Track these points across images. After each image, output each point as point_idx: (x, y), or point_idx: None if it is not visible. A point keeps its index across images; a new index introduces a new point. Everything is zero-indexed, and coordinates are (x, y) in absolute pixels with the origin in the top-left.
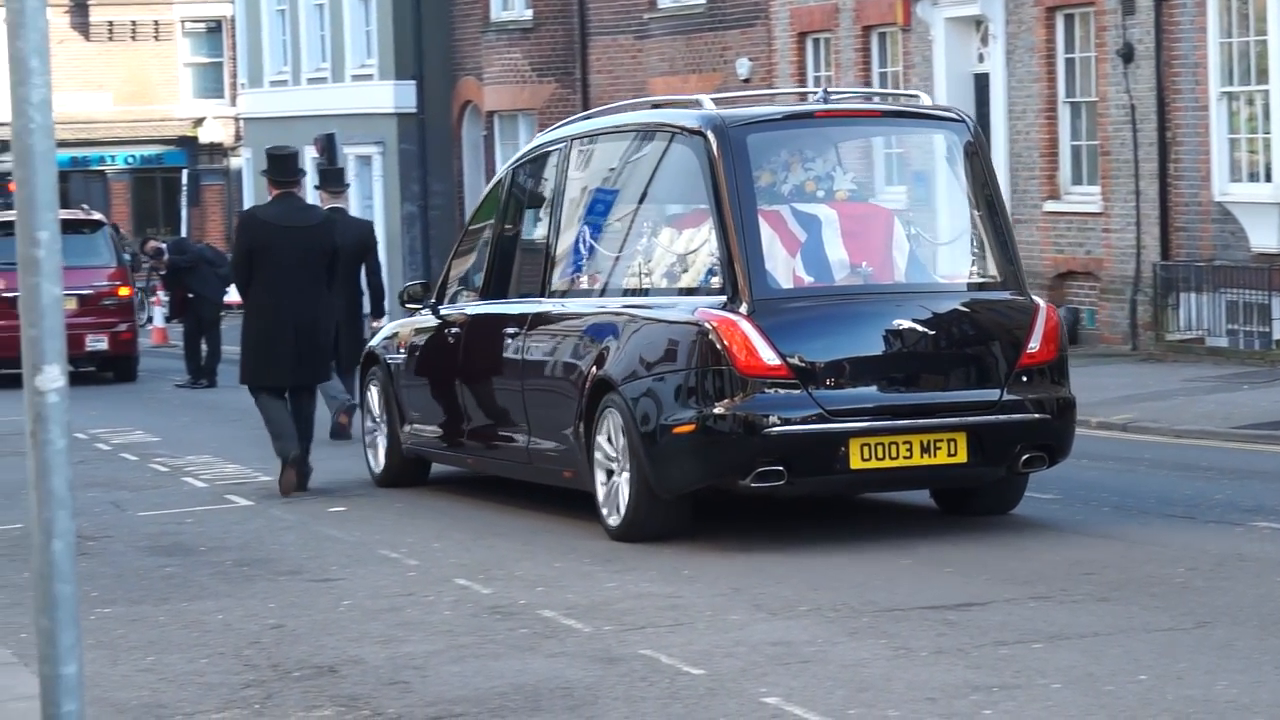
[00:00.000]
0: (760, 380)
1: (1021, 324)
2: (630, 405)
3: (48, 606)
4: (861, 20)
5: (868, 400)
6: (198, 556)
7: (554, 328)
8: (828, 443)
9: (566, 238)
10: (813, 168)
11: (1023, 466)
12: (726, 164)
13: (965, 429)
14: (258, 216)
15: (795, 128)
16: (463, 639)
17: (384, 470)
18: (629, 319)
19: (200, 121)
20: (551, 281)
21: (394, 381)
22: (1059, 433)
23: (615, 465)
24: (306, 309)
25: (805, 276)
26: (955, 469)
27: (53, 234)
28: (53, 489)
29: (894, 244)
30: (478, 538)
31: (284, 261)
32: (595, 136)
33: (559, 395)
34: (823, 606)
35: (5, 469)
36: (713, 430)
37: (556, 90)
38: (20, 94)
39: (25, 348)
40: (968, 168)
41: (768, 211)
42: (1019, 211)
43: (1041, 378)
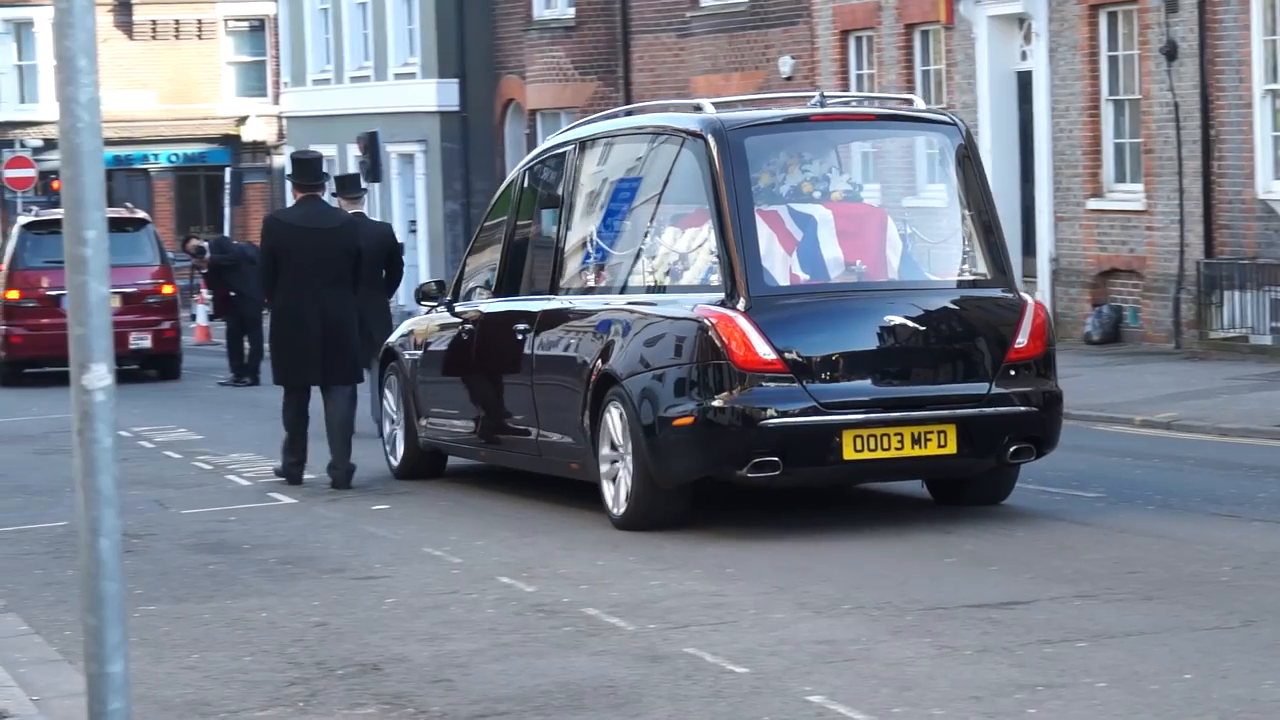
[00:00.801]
0: (757, 374)
1: (1010, 320)
2: (633, 398)
3: (95, 604)
4: (904, 18)
5: (861, 393)
6: (241, 554)
7: (561, 324)
8: (822, 434)
9: (574, 237)
10: (809, 169)
11: (1011, 458)
12: (725, 166)
13: (955, 421)
14: (281, 220)
15: (792, 130)
16: (506, 637)
17: (402, 463)
18: (632, 315)
19: (243, 120)
20: (560, 279)
21: (411, 377)
22: (1046, 424)
23: (619, 457)
24: (330, 310)
25: (801, 274)
26: (945, 460)
27: (100, 232)
28: (100, 487)
29: (887, 243)
30: (521, 536)
31: (307, 263)
32: (601, 139)
33: (566, 390)
34: (866, 605)
35: (48, 467)
36: (711, 422)
37: (599, 88)
38: (68, 93)
39: (73, 346)
40: (959, 169)
41: (765, 211)
42: (1062, 209)
43: (1029, 372)
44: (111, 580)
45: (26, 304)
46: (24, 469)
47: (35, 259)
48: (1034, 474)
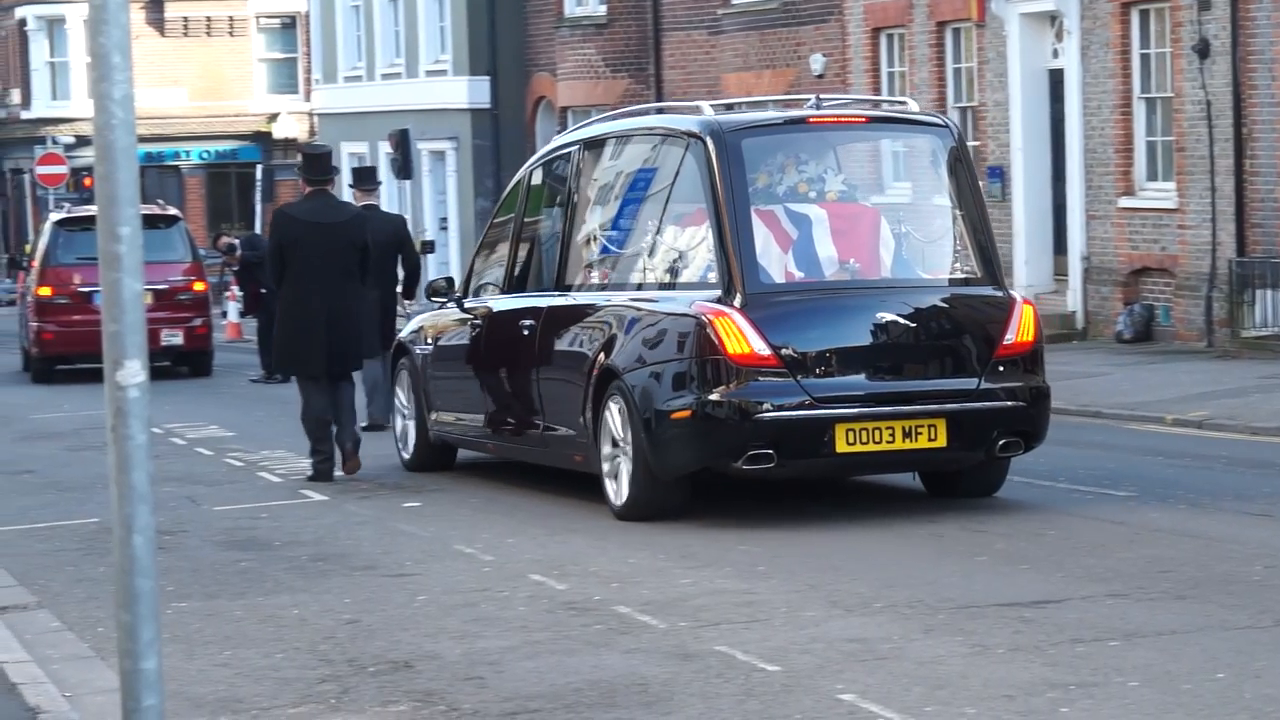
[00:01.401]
0: (752, 369)
1: (999, 317)
2: (633, 392)
3: (128, 601)
4: (936, 15)
5: (853, 388)
6: (273, 551)
7: (566, 320)
8: (815, 428)
9: (578, 235)
10: (805, 170)
11: (1000, 451)
12: (723, 166)
13: (945, 415)
14: (290, 213)
15: (788, 133)
16: (538, 634)
17: (413, 456)
18: (633, 312)
19: (274, 117)
20: (565, 276)
21: (422, 372)
22: (1034, 419)
23: (620, 449)
24: (337, 300)
25: (796, 272)
26: (935, 453)
27: (134, 229)
28: (133, 484)
29: (880, 241)
30: (552, 534)
31: (315, 256)
32: (604, 140)
33: (570, 384)
34: (898, 603)
35: (80, 464)
36: (708, 416)
37: (630, 86)
38: (102, 90)
39: (106, 343)
40: (951, 170)
41: (762, 211)
42: (1094, 208)
43: (1017, 368)
44: (145, 577)
45: (59, 300)
46: (56, 466)
47: (67, 255)
48: (1066, 473)
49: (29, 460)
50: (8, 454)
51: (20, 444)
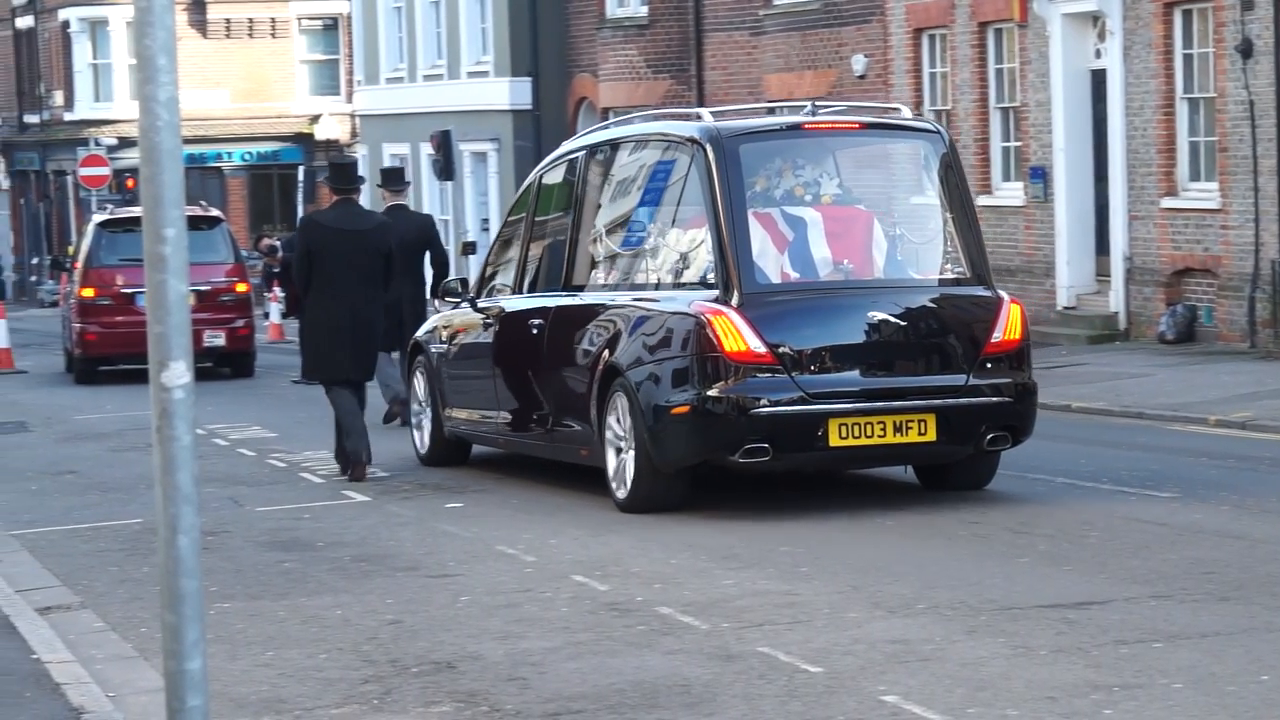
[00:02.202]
0: (749, 366)
1: (987, 316)
2: (635, 389)
3: (173, 602)
4: (978, 16)
5: (846, 384)
6: (315, 552)
7: (572, 320)
8: (809, 422)
9: (584, 237)
10: (801, 174)
11: (988, 445)
12: (721, 171)
13: (934, 410)
14: (317, 220)
15: (784, 138)
16: (580, 635)
17: (428, 451)
18: (636, 311)
19: (316, 118)
20: (572, 277)
21: (436, 369)
22: (1021, 414)
23: (623, 443)
24: (361, 308)
25: (792, 272)
26: (925, 447)
27: (179, 231)
28: (178, 484)
29: (873, 243)
30: (594, 534)
31: (340, 263)
32: (609, 145)
33: (576, 381)
34: (940, 604)
35: (123, 464)
36: (706, 411)
37: (672, 87)
38: (148, 92)
39: (152, 344)
40: (942, 174)
41: (759, 213)
42: (1136, 208)
43: (1005, 365)
44: (190, 577)
45: (101, 301)
46: (99, 466)
47: (110, 257)
48: (1109, 474)
49: (72, 461)
50: (51, 455)
51: (63, 445)
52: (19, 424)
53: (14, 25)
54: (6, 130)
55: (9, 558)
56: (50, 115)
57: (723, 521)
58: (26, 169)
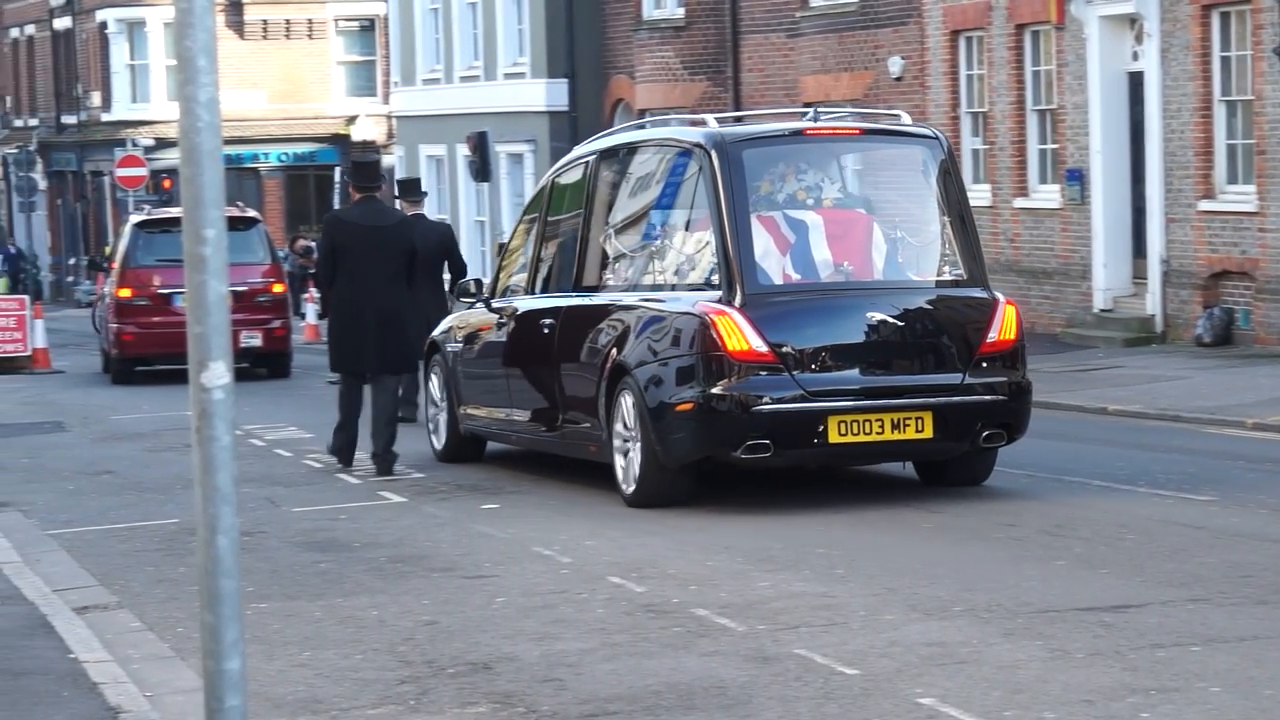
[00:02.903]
0: (751, 365)
1: (983, 317)
2: (641, 387)
3: (212, 602)
4: (1015, 18)
5: (845, 383)
6: (352, 552)
7: (582, 320)
8: (809, 420)
9: (594, 239)
10: (803, 179)
11: (984, 442)
12: (725, 175)
13: (931, 409)
14: (341, 218)
15: (786, 144)
16: (616, 637)
17: (444, 448)
18: (642, 312)
19: (353, 119)
20: (582, 278)
21: (452, 368)
22: (1016, 412)
23: (630, 440)
24: (386, 302)
25: (793, 274)
26: (922, 444)
27: (219, 231)
28: (218, 485)
29: (873, 246)
30: (631, 536)
31: (365, 259)
32: (618, 150)
33: (585, 379)
34: (977, 607)
35: (160, 465)
36: (710, 408)
37: (708, 88)
38: (188, 93)
39: (191, 345)
40: (940, 179)
41: (762, 217)
42: (1173, 211)
43: (1000, 364)
44: (229, 578)
45: (138, 302)
46: (136, 466)
47: (147, 257)
48: (1146, 476)
49: (109, 461)
50: (88, 455)
51: (100, 445)
52: (56, 424)
53: (52, 26)
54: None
55: (46, 557)
56: (88, 116)
57: (759, 523)
58: (64, 170)
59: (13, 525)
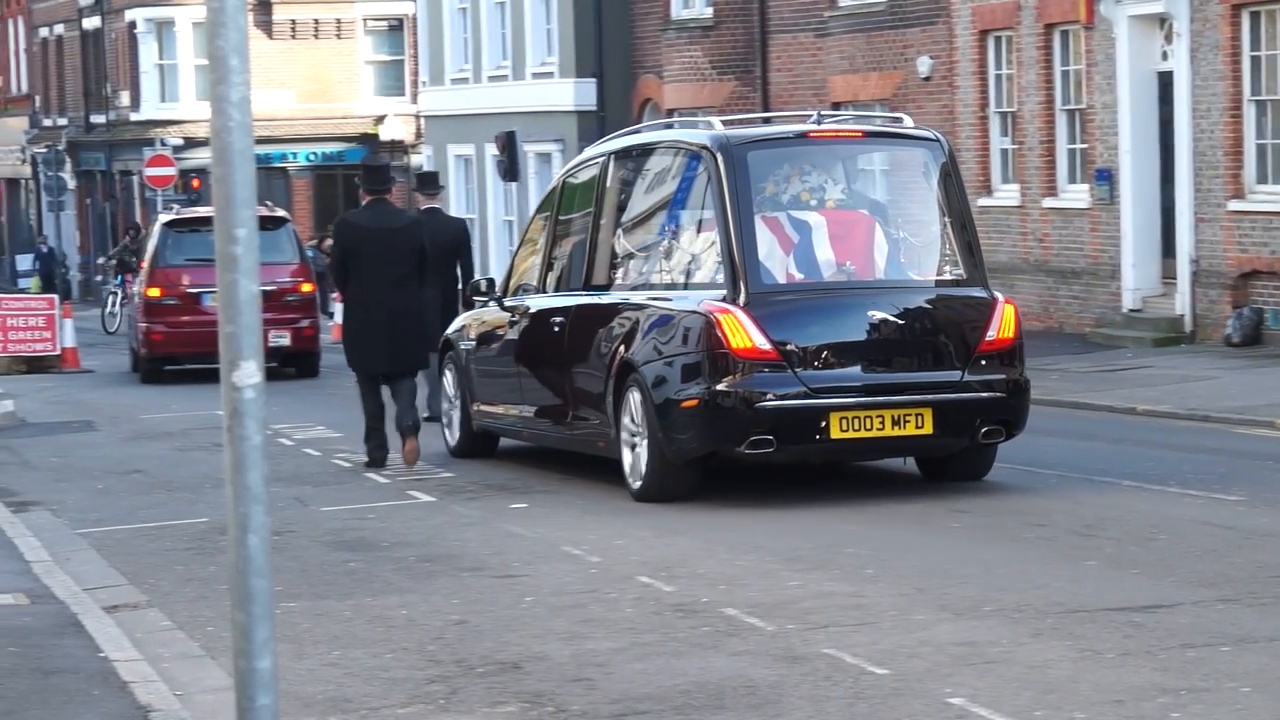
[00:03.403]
0: (754, 362)
1: (982, 315)
2: (648, 383)
3: (243, 601)
4: (1044, 18)
5: (847, 380)
6: (381, 552)
7: (591, 318)
8: (811, 416)
9: (603, 239)
10: (806, 180)
11: (983, 438)
12: (729, 177)
13: (931, 405)
14: (352, 221)
15: (790, 146)
16: (646, 636)
17: (458, 444)
18: (650, 310)
19: (381, 119)
20: (592, 277)
21: (465, 365)
22: (1014, 409)
23: (637, 436)
24: (399, 302)
25: (796, 273)
26: (922, 440)
27: (250, 231)
28: (249, 484)
29: (875, 246)
30: (660, 535)
31: (376, 260)
32: (627, 152)
33: (594, 376)
34: (1007, 607)
35: (189, 464)
36: (714, 405)
37: (736, 88)
38: (220, 92)
39: (223, 344)
40: (940, 180)
41: (767, 217)
42: (1203, 211)
43: (998, 362)
44: (260, 577)
45: (168, 301)
46: (165, 466)
47: (176, 256)
48: (1176, 476)
49: (138, 460)
50: (117, 454)
51: (130, 444)
52: (86, 423)
53: (81, 26)
54: (73, 130)
55: (76, 556)
56: (116, 116)
57: (788, 523)
58: (93, 169)
59: (43, 524)
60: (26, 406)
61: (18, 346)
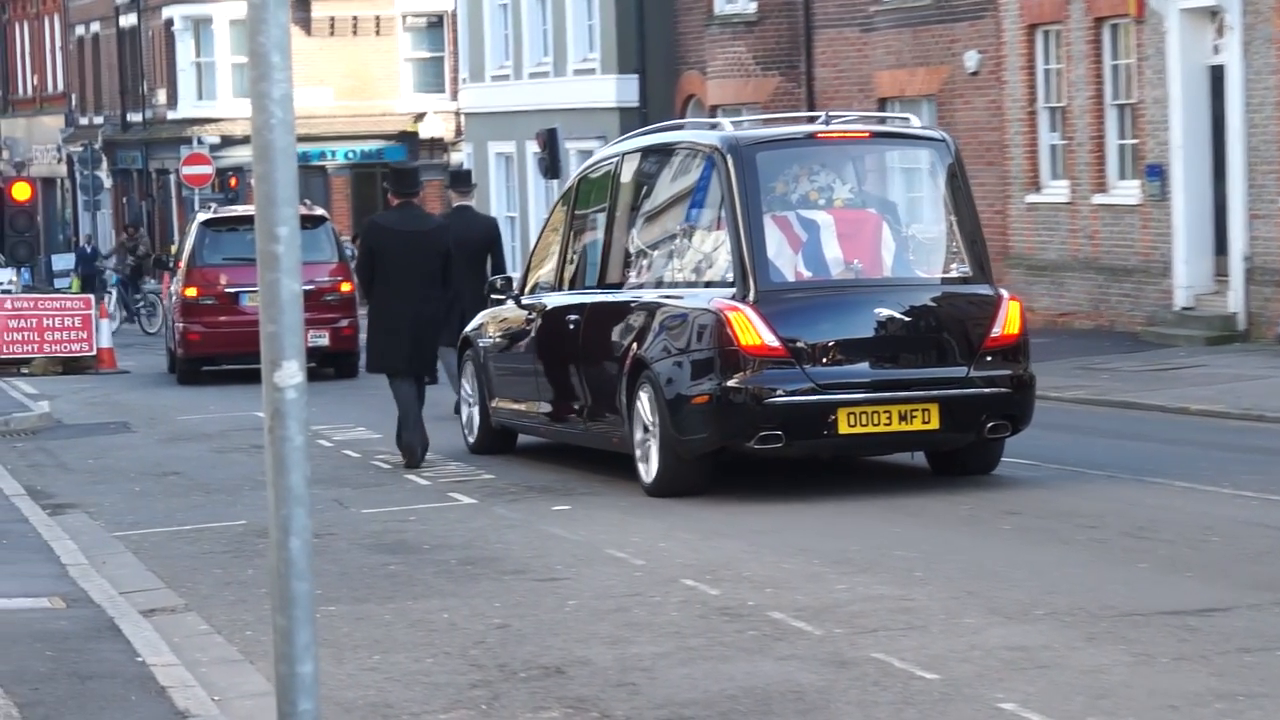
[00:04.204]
0: (763, 359)
1: (987, 313)
2: (659, 380)
3: (285, 604)
4: (1093, 11)
5: (854, 376)
6: (422, 555)
7: (605, 316)
8: (820, 411)
9: (617, 238)
10: (815, 180)
11: (989, 433)
12: (739, 177)
13: (937, 400)
14: (379, 223)
15: (799, 147)
16: (691, 640)
17: (476, 440)
18: (661, 308)
19: (421, 116)
20: (606, 276)
21: (484, 363)
22: (1020, 404)
23: (649, 432)
24: (422, 306)
25: (805, 271)
26: (929, 435)
27: (292, 229)
28: (290, 486)
29: (882, 244)
30: (704, 538)
31: (401, 263)
32: (639, 153)
33: (608, 373)
34: (1059, 610)
35: (227, 466)
36: (724, 400)
37: (781, 84)
38: (261, 89)
39: (264, 344)
40: (947, 180)
41: (776, 216)
42: (1256, 207)
43: (1004, 357)
44: (302, 580)
45: (205, 301)
46: (203, 468)
47: (214, 256)
48: (1229, 478)
49: (176, 462)
50: (154, 455)
51: (167, 445)
52: (122, 424)
53: (117, 24)
54: (110, 129)
55: (113, 559)
56: (153, 114)
57: (835, 524)
58: (129, 168)
59: (79, 527)
60: (63, 408)
61: (54, 347)
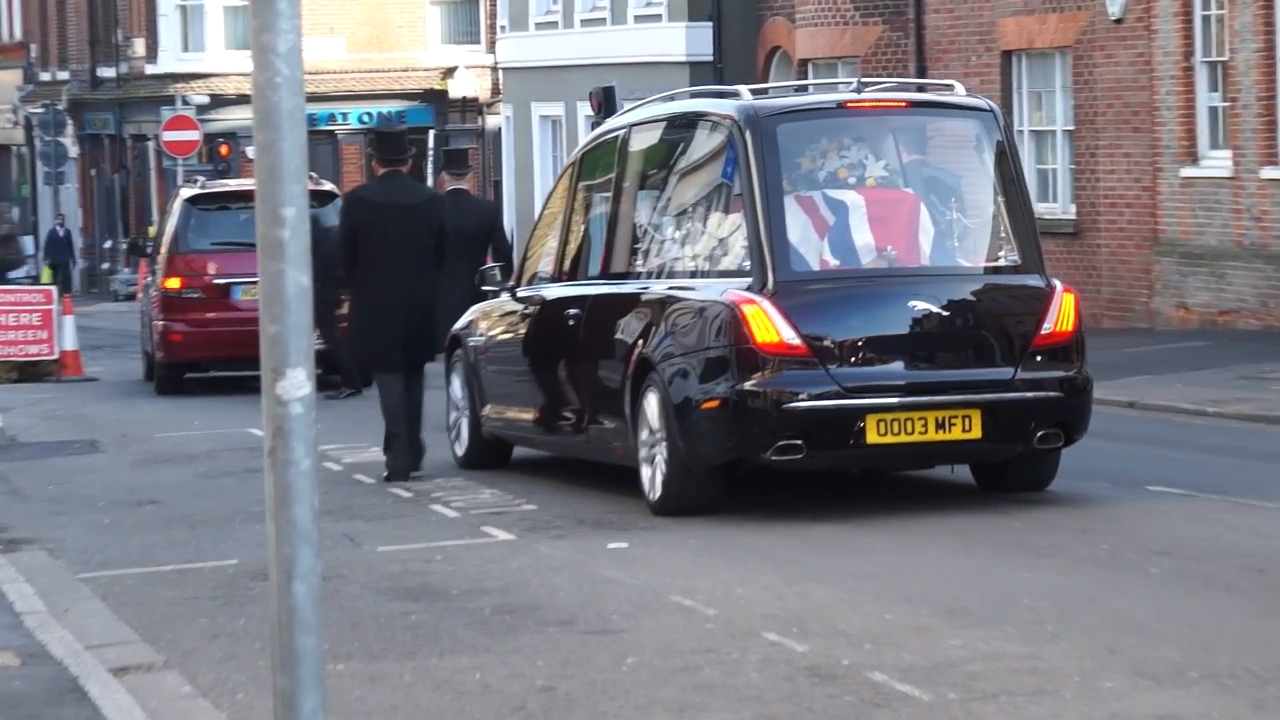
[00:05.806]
0: (782, 358)
1: (1038, 307)
2: (666, 382)
3: (287, 662)
4: None
5: (885, 378)
6: (449, 601)
7: (608, 310)
8: (845, 418)
9: (621, 223)
10: (844, 156)
11: (1039, 443)
12: (757, 152)
13: (980, 406)
14: (361, 195)
15: (826, 118)
16: (774, 707)
17: (466, 453)
18: (670, 301)
19: (450, 72)
20: (609, 264)
21: (474, 364)
22: (1073, 410)
23: (656, 441)
24: (414, 287)
25: (831, 259)
26: (971, 445)
27: (300, 210)
28: (295, 519)
29: (919, 229)
30: (790, 582)
31: (389, 240)
32: (646, 126)
33: (610, 375)
34: (1219, 672)
35: (214, 493)
36: (737, 406)
37: (884, 33)
38: (264, 41)
39: (265, 348)
40: (995, 156)
41: (800, 197)
42: None
43: (1056, 358)
44: (308, 633)
45: (189, 295)
46: (187, 495)
47: (201, 240)
48: None
49: (153, 489)
50: (128, 481)
51: (142, 469)
52: (89, 443)
53: None
54: (76, 87)
55: (78, 606)
56: (129, 68)
57: (947, 568)
58: (99, 133)
59: (37, 567)
60: (17, 422)
61: (8, 349)
